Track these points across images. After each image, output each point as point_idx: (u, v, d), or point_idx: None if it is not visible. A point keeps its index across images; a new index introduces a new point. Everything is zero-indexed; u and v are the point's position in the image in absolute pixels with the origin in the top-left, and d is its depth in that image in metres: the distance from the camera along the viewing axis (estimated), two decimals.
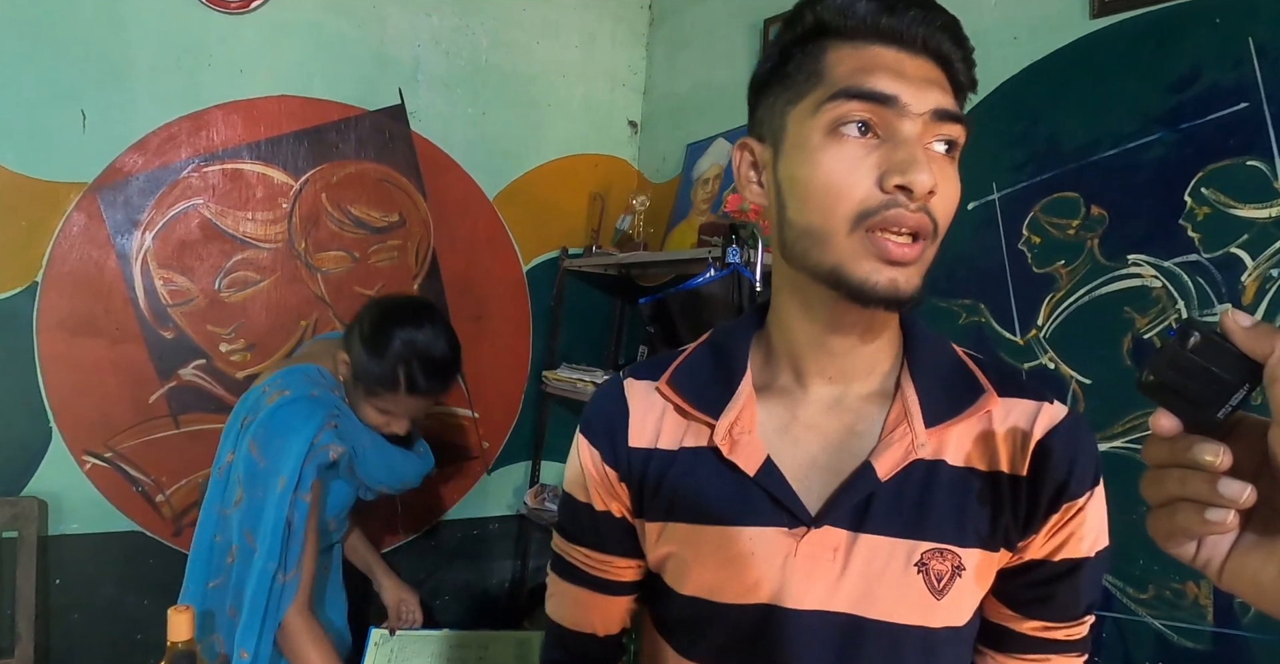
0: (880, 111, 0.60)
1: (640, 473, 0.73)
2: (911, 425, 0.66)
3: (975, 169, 1.46)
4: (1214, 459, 0.39)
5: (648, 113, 2.52)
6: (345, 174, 2.10)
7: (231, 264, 1.99)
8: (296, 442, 1.31)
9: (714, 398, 0.70)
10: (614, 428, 0.75)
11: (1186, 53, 1.20)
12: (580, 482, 0.78)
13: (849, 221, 0.60)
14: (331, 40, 2.05)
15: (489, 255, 2.31)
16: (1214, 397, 0.40)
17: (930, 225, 0.60)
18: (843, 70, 0.61)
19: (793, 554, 0.66)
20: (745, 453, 0.68)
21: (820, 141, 0.61)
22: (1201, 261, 1.17)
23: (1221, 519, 0.39)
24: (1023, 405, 0.68)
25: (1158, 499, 0.42)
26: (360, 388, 1.41)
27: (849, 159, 0.60)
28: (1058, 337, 1.34)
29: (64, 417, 1.84)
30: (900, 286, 0.60)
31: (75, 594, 1.88)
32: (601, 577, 0.80)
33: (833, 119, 0.61)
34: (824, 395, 0.70)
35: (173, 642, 0.96)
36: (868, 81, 0.60)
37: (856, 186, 0.59)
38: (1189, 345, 0.40)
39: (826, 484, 0.67)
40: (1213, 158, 1.16)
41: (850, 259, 0.60)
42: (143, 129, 1.87)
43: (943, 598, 0.66)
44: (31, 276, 1.80)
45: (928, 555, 0.65)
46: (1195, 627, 1.16)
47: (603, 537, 0.79)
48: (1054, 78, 1.37)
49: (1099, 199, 1.29)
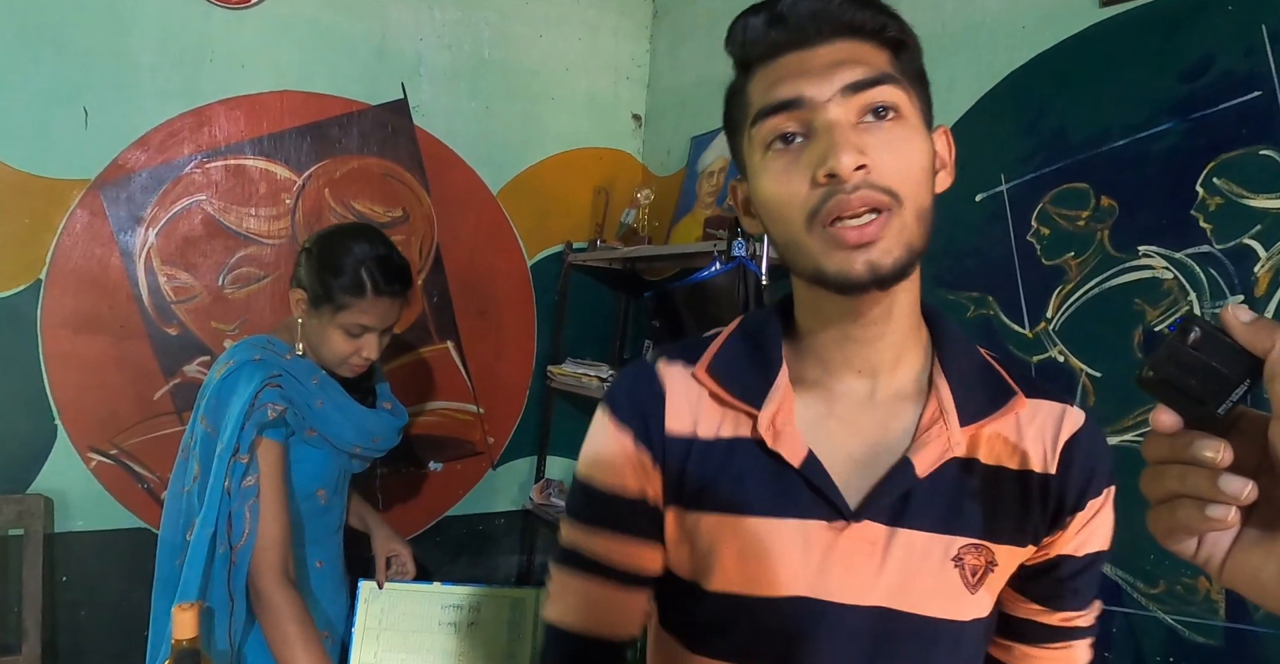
0: (796, 116, 0.62)
1: (680, 459, 0.72)
2: (947, 423, 0.67)
3: (983, 160, 1.45)
4: (1214, 455, 0.39)
5: (652, 106, 2.51)
6: (348, 169, 2.09)
7: (235, 260, 1.98)
8: (235, 404, 1.29)
9: (754, 388, 0.70)
10: (647, 410, 0.73)
11: (1198, 41, 1.18)
12: (608, 464, 0.74)
13: (803, 224, 0.62)
14: (333, 35, 2.04)
15: (493, 250, 2.30)
16: (1214, 392, 0.39)
17: (883, 197, 0.60)
18: (757, 93, 0.65)
19: (833, 548, 0.66)
20: (789, 444, 0.68)
21: (761, 162, 0.65)
22: (1214, 253, 1.16)
23: (1222, 516, 0.39)
24: (1048, 407, 0.71)
25: (1158, 495, 0.42)
26: (326, 311, 1.39)
27: (782, 170, 0.63)
28: (1067, 329, 1.32)
29: (69, 414, 1.84)
30: (877, 264, 0.61)
31: (81, 591, 1.88)
32: (624, 566, 0.74)
33: (761, 139, 0.65)
34: (856, 390, 0.70)
35: (178, 639, 0.96)
36: (772, 94, 0.64)
37: (797, 190, 0.62)
38: (1189, 340, 0.40)
39: (864, 479, 0.67)
40: (1225, 147, 1.15)
41: (821, 257, 0.62)
42: (145, 125, 1.87)
43: (976, 591, 0.68)
44: (35, 274, 1.80)
45: (964, 550, 0.67)
46: (1207, 622, 1.15)
47: (630, 523, 0.74)
48: (1063, 67, 1.35)
49: (1109, 190, 1.28)
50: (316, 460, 1.44)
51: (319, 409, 1.41)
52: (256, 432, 1.29)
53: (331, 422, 1.43)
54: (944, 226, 1.48)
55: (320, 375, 1.43)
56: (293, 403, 1.36)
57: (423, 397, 2.25)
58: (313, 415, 1.40)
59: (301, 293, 1.41)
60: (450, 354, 2.27)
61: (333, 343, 1.41)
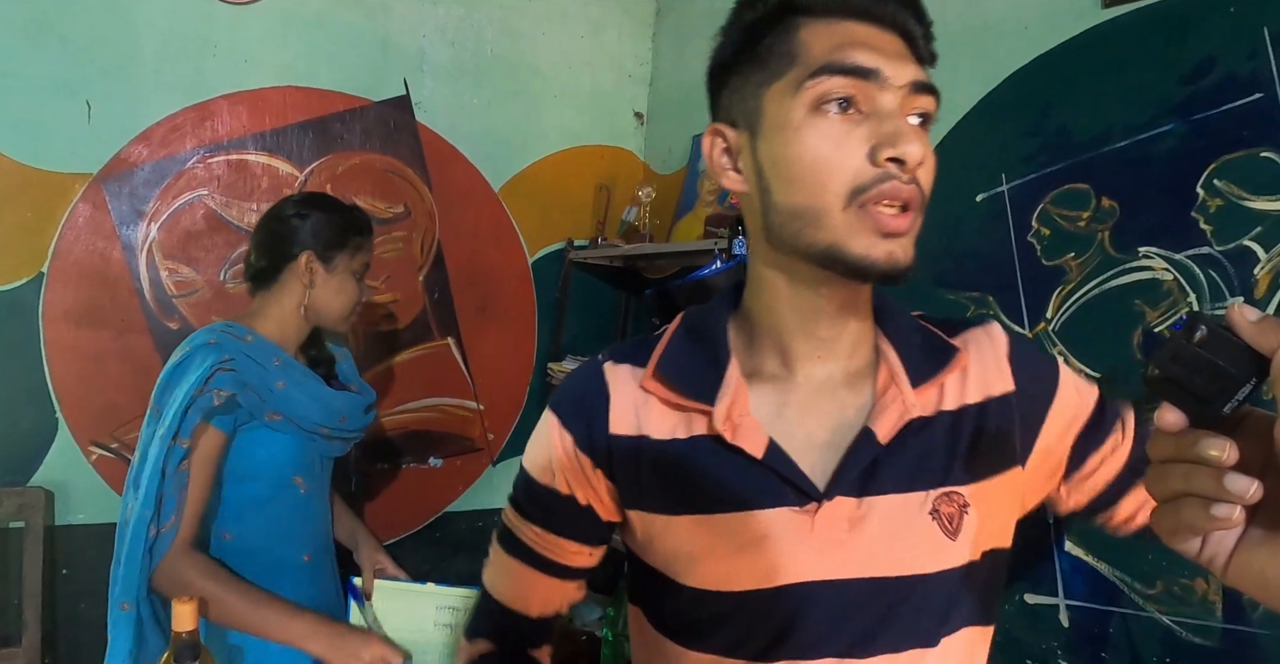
0: (862, 86, 0.60)
1: (628, 461, 0.71)
2: (900, 388, 0.68)
3: (984, 160, 1.45)
4: (1220, 454, 0.38)
5: (654, 104, 2.51)
6: (350, 165, 2.09)
7: (236, 255, 1.98)
8: (182, 388, 1.28)
9: (705, 384, 0.69)
10: (592, 412, 0.73)
11: (1200, 43, 1.18)
12: (545, 464, 0.76)
13: (843, 198, 0.60)
14: (337, 30, 2.05)
15: (494, 247, 2.31)
16: (1220, 391, 0.39)
17: (920, 196, 0.61)
18: (820, 47, 0.61)
19: (809, 530, 0.66)
20: (749, 436, 0.67)
21: (803, 119, 0.61)
22: (1214, 254, 1.16)
23: (1227, 515, 0.38)
24: (974, 335, 0.73)
25: (1163, 495, 0.42)
26: (340, 260, 1.44)
27: (836, 135, 0.60)
28: (1067, 329, 1.33)
29: (70, 407, 1.84)
30: (898, 258, 0.60)
31: (82, 583, 1.88)
32: (548, 557, 0.79)
33: (815, 96, 0.60)
34: (813, 376, 0.70)
35: (177, 632, 0.96)
36: (849, 56, 0.60)
37: (847, 162, 0.59)
38: (1195, 339, 0.39)
39: (829, 460, 0.67)
40: (1226, 149, 1.15)
41: (846, 235, 0.60)
42: (148, 119, 1.87)
43: (957, 538, 0.67)
44: (37, 267, 1.80)
45: (937, 501, 0.67)
46: (1204, 623, 1.15)
47: (560, 519, 0.77)
48: (1065, 68, 1.35)
49: (1110, 191, 1.28)
50: (284, 444, 1.42)
51: (280, 391, 1.38)
52: (200, 417, 1.27)
53: (295, 403, 1.40)
54: (945, 226, 1.49)
55: (282, 357, 1.41)
56: (249, 387, 1.34)
57: (423, 393, 2.25)
58: (274, 398, 1.37)
59: (309, 254, 1.41)
60: (451, 350, 2.28)
61: (348, 291, 1.46)
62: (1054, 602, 1.32)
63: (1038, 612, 1.34)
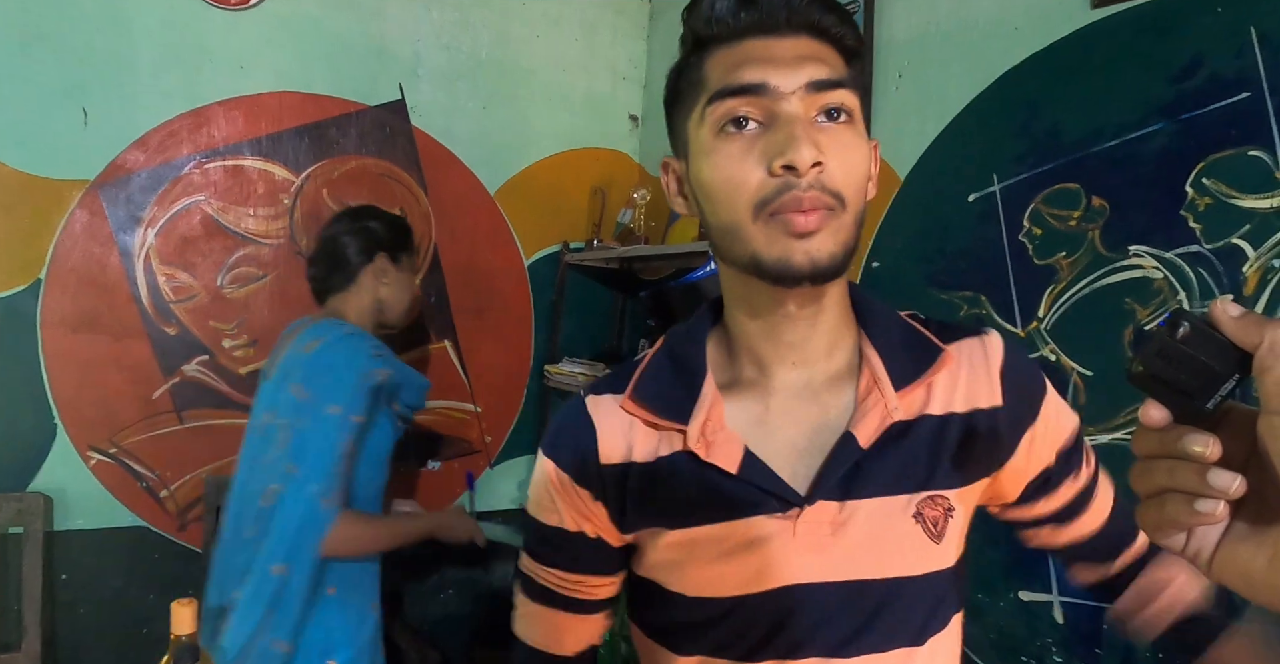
0: (755, 101, 0.62)
1: (619, 489, 0.72)
2: (882, 391, 0.68)
3: (976, 161, 1.45)
4: (1203, 450, 0.39)
5: (649, 106, 2.52)
6: (346, 169, 2.10)
7: (234, 260, 1.99)
8: (349, 373, 1.42)
9: (679, 404, 0.70)
10: (582, 447, 0.74)
11: (1188, 42, 1.19)
12: (549, 505, 0.76)
13: (750, 211, 0.62)
14: (332, 36, 2.05)
15: (490, 250, 2.31)
16: (1203, 387, 0.39)
17: (830, 199, 0.61)
18: (717, 73, 0.64)
19: (793, 536, 0.67)
20: (722, 451, 0.68)
21: (711, 143, 0.64)
22: (1203, 252, 1.16)
23: (1211, 510, 0.39)
24: (969, 344, 0.73)
25: (1147, 490, 0.42)
26: (405, 261, 1.64)
27: (737, 153, 0.62)
28: (1059, 328, 1.33)
29: (68, 413, 1.85)
30: (815, 257, 0.61)
31: (81, 589, 1.89)
32: (575, 597, 0.79)
33: (715, 120, 0.64)
34: (791, 382, 0.71)
35: (176, 635, 0.96)
36: (735, 76, 0.63)
37: (749, 177, 0.62)
38: (1178, 335, 0.40)
39: (810, 465, 0.68)
40: (1214, 148, 1.15)
41: (762, 245, 0.62)
42: (144, 126, 1.88)
43: (941, 541, 0.69)
44: (35, 274, 1.81)
45: (921, 505, 0.68)
46: None
47: (575, 558, 0.77)
48: (1054, 68, 1.36)
49: (1100, 190, 1.28)
50: (387, 428, 1.55)
51: (401, 375, 1.54)
52: (365, 398, 1.42)
53: (404, 388, 1.55)
54: (937, 227, 1.50)
55: (381, 346, 1.53)
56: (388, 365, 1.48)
57: None
58: (397, 381, 1.52)
59: (382, 256, 1.59)
60: (448, 353, 2.28)
61: (412, 286, 1.66)
62: (1048, 599, 1.33)
63: (1032, 609, 1.34)
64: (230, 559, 1.45)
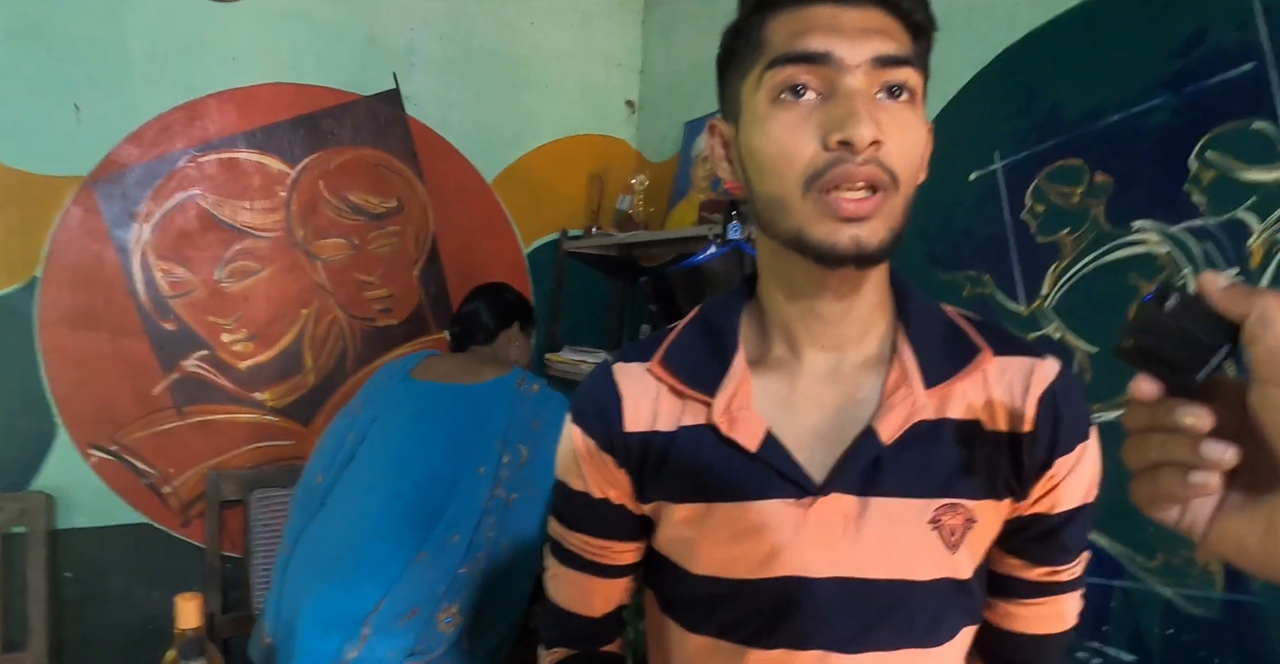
0: (817, 71, 0.60)
1: (640, 457, 0.73)
2: (911, 387, 0.66)
3: (977, 138, 1.44)
4: (1194, 421, 0.39)
5: (645, 92, 2.50)
6: (342, 160, 2.08)
7: (231, 254, 1.98)
8: (558, 412, 1.61)
9: (708, 375, 0.70)
10: (607, 413, 0.74)
11: (1190, 14, 1.18)
12: (575, 471, 0.77)
13: (800, 185, 0.60)
14: (324, 26, 2.04)
15: (489, 239, 2.30)
16: (1193, 359, 0.39)
17: (885, 176, 0.59)
18: (779, 37, 0.62)
19: (803, 524, 0.66)
20: (745, 429, 0.67)
21: (766, 110, 0.62)
22: (1207, 226, 1.16)
23: (1203, 481, 0.39)
24: (1017, 363, 0.69)
25: (1139, 464, 0.42)
26: (530, 331, 1.89)
27: (792, 123, 0.60)
28: (1063, 306, 1.33)
29: (68, 411, 1.84)
30: (863, 242, 0.59)
31: (86, 587, 1.89)
32: (601, 562, 0.80)
33: (773, 87, 0.61)
34: (820, 365, 0.69)
35: (181, 629, 0.96)
36: (799, 43, 0.60)
37: (802, 149, 0.60)
38: (1166, 308, 0.39)
39: (830, 453, 0.67)
40: (1218, 121, 1.14)
41: (809, 222, 0.60)
42: (137, 120, 1.87)
43: (957, 551, 0.67)
44: (31, 271, 1.80)
45: (940, 512, 0.66)
46: (1204, 594, 1.16)
47: (601, 523, 0.78)
48: (1055, 44, 1.35)
49: (1103, 166, 1.28)
50: None
51: None
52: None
53: None
54: (938, 206, 1.49)
55: None
56: None
57: None
58: None
59: (517, 326, 1.85)
60: (448, 343, 2.27)
61: (526, 356, 1.88)
62: None
63: None
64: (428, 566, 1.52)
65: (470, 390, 1.66)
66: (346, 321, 2.13)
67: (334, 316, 2.10)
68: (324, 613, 1.46)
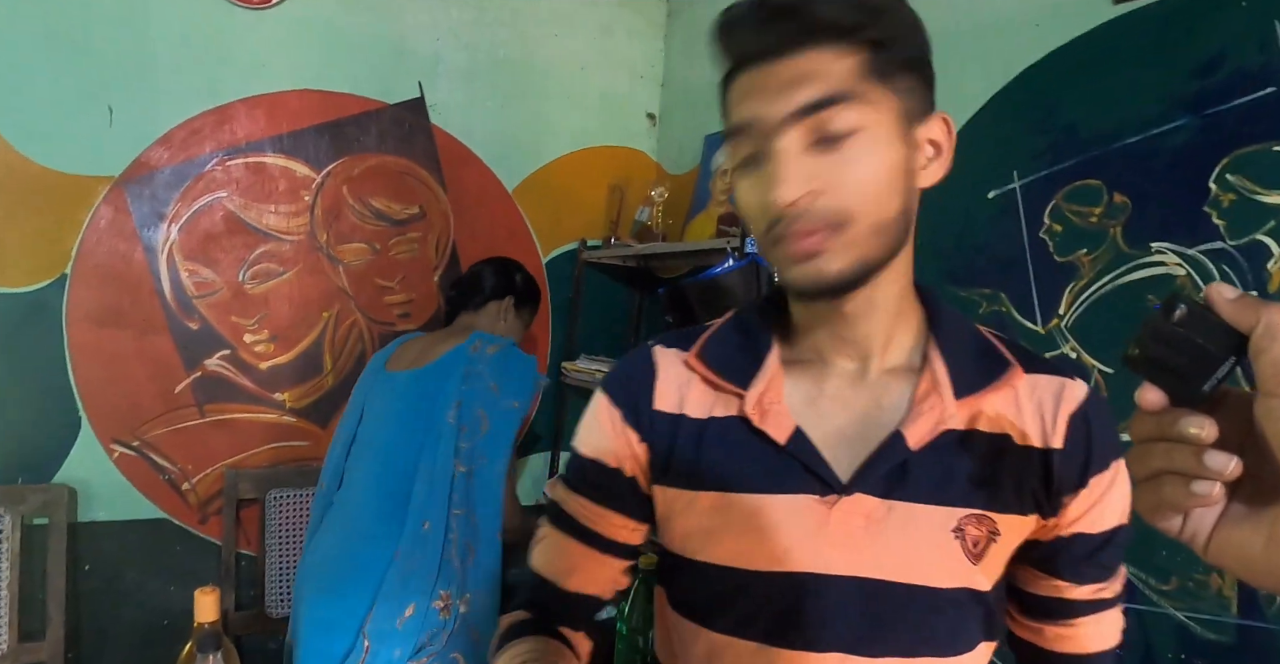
0: (750, 139, 0.64)
1: (666, 437, 0.74)
2: (942, 396, 0.67)
3: (996, 157, 1.45)
4: (1199, 432, 0.39)
5: (666, 104, 2.52)
6: (366, 167, 2.11)
7: (255, 256, 2.01)
8: (529, 376, 1.68)
9: (743, 369, 0.72)
10: (638, 389, 0.76)
11: (1211, 37, 1.18)
12: (594, 439, 0.79)
13: (762, 236, 0.66)
14: (351, 34, 2.07)
15: (508, 247, 2.32)
16: (1199, 370, 0.39)
17: (823, 223, 0.62)
18: (728, 111, 0.67)
19: (824, 521, 0.67)
20: (775, 422, 0.69)
21: (736, 176, 0.68)
22: (1227, 249, 1.15)
23: (1207, 491, 0.39)
24: (1047, 381, 0.70)
25: (1143, 473, 0.42)
26: (526, 313, 1.91)
27: (747, 189, 0.66)
28: (1080, 326, 1.33)
29: (93, 405, 1.87)
30: (822, 273, 0.63)
31: (104, 580, 1.92)
32: (593, 529, 0.80)
33: (732, 156, 0.67)
34: (848, 369, 0.72)
35: (199, 622, 0.97)
36: (733, 115, 0.66)
37: (755, 212, 0.65)
38: (1174, 318, 0.39)
39: (856, 455, 0.68)
40: (1238, 143, 1.14)
41: (779, 267, 0.66)
42: (167, 123, 1.90)
43: (979, 562, 0.68)
44: (61, 269, 1.83)
45: (964, 521, 0.67)
46: (1218, 618, 1.15)
47: (605, 492, 0.79)
48: (1076, 64, 1.35)
49: (1122, 186, 1.28)
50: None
51: None
52: (539, 391, 1.68)
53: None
54: (956, 223, 1.50)
55: None
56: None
57: None
58: None
59: (510, 299, 1.85)
60: None
61: (519, 336, 1.88)
62: None
63: None
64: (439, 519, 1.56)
65: (424, 372, 1.65)
66: (366, 325, 2.15)
67: (354, 320, 2.12)
68: (322, 621, 1.48)
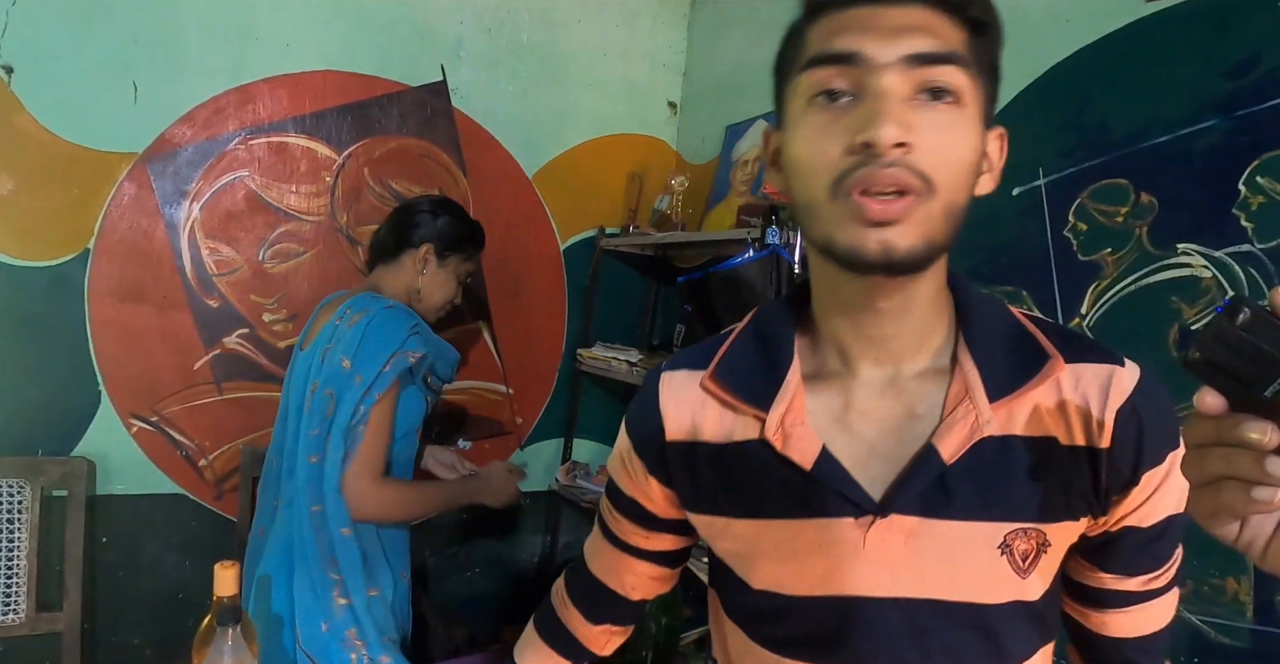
0: (847, 72, 0.58)
1: (684, 466, 0.73)
2: (974, 402, 0.63)
3: (1021, 154, 1.44)
4: (1261, 437, 0.39)
5: (688, 93, 2.51)
6: (387, 149, 2.12)
7: (275, 236, 2.02)
8: (384, 347, 1.43)
9: (762, 389, 0.68)
10: (649, 422, 0.76)
11: (1245, 37, 1.17)
12: (616, 464, 0.84)
13: (826, 189, 0.58)
14: (376, 16, 2.07)
15: (527, 232, 2.33)
16: (1262, 374, 0.39)
17: (915, 180, 0.55)
18: (815, 41, 0.60)
19: (860, 544, 0.64)
20: (799, 446, 0.65)
21: (800, 115, 0.60)
22: (1254, 252, 1.14)
23: (1269, 497, 0.39)
24: (1093, 370, 0.64)
25: (1201, 478, 0.42)
26: (452, 261, 1.64)
27: (821, 127, 0.58)
28: (1102, 326, 1.32)
29: (112, 380, 1.89)
30: (891, 246, 0.56)
31: (120, 552, 1.94)
32: (626, 542, 0.87)
33: (805, 90, 0.60)
34: (876, 378, 0.67)
35: (219, 596, 0.99)
36: (829, 44, 0.58)
37: (828, 153, 0.57)
38: (1238, 322, 0.39)
39: (888, 471, 0.64)
40: (1270, 146, 1.13)
41: (836, 226, 0.58)
42: (192, 101, 1.91)
43: (1028, 576, 0.64)
44: (84, 244, 1.85)
45: (1011, 536, 0.63)
46: (1234, 623, 1.15)
47: (629, 512, 0.85)
48: (1106, 62, 1.34)
49: (1149, 186, 1.27)
50: (419, 402, 1.56)
51: (437, 350, 1.56)
52: (396, 374, 1.44)
53: (436, 362, 1.56)
54: (979, 220, 1.48)
55: (418, 320, 1.55)
56: (430, 348, 1.50)
57: None
58: (434, 356, 1.55)
59: (429, 246, 1.61)
60: (482, 334, 2.30)
61: (448, 288, 1.66)
62: None
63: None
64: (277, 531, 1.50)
65: (304, 355, 1.54)
66: None
67: None
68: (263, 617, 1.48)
